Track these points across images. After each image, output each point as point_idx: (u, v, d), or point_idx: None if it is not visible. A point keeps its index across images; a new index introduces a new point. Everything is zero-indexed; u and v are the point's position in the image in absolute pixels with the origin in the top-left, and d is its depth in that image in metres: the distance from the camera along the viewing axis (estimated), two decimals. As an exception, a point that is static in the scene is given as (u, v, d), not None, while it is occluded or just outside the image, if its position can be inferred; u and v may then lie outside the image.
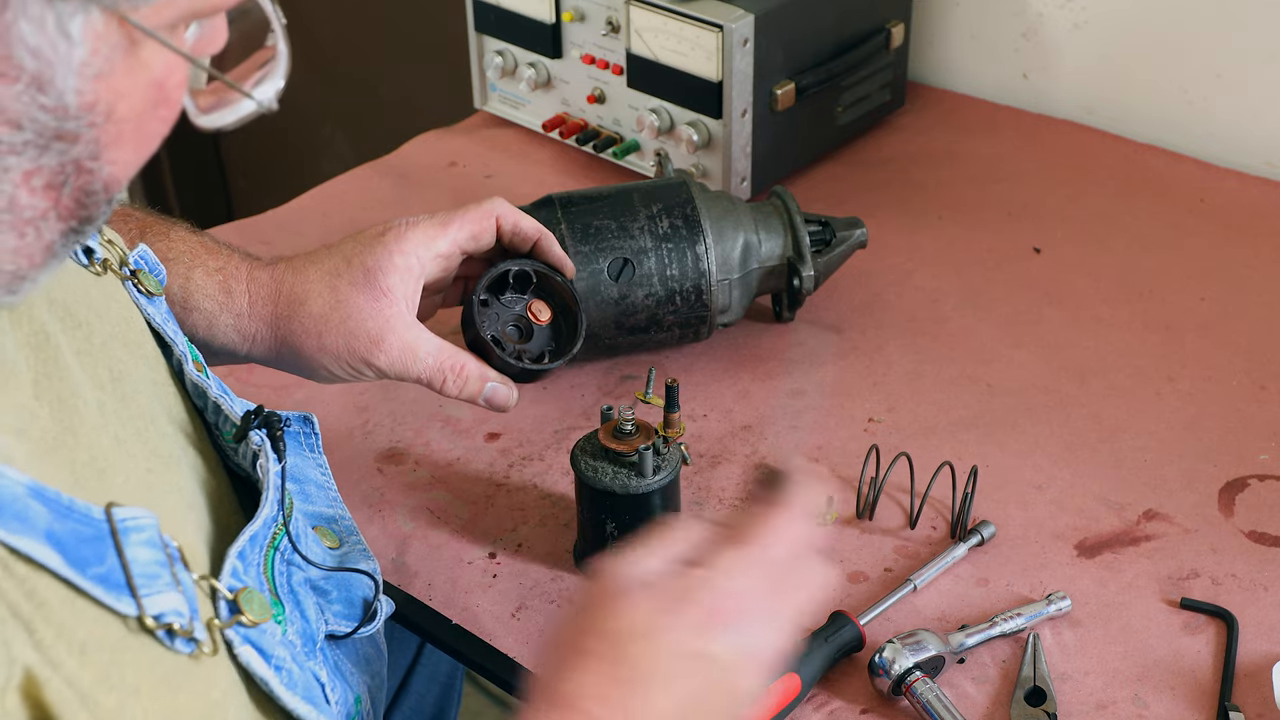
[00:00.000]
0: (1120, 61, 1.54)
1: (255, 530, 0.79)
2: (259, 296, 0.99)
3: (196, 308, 0.99)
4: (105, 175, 0.64)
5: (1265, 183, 1.47)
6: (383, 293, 0.98)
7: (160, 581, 0.68)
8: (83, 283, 0.80)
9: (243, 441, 0.85)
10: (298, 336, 0.98)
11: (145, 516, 0.68)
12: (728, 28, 1.32)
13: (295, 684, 0.76)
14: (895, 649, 0.95)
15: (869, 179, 1.50)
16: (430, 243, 1.00)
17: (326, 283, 0.98)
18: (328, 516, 0.94)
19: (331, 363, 0.99)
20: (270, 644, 0.75)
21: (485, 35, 1.53)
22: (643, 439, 1.02)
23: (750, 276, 1.22)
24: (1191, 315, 1.30)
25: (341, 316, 0.98)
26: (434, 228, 1.01)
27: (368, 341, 0.98)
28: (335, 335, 0.98)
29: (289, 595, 0.81)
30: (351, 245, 1.00)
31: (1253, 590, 1.04)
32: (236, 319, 0.99)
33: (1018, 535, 1.09)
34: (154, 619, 0.67)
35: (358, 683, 0.85)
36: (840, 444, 1.17)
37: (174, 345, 0.86)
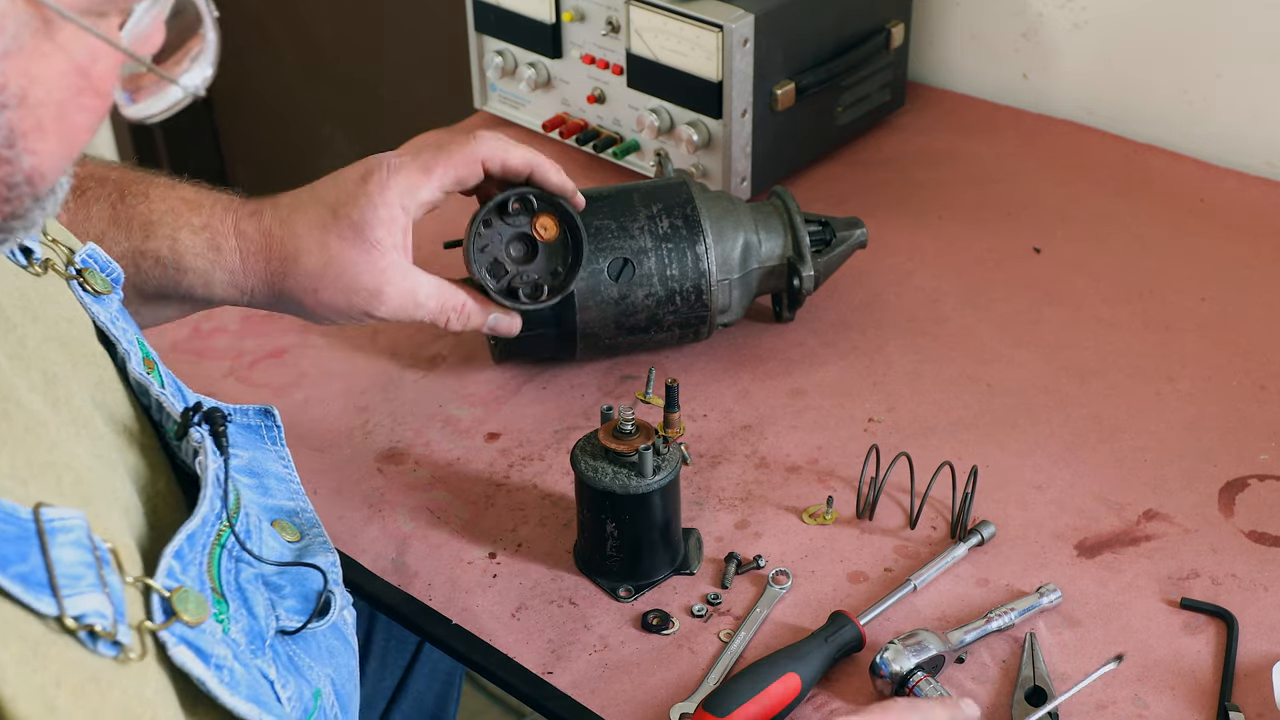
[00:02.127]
0: (1120, 61, 1.54)
1: (193, 529, 0.77)
2: (249, 252, 1.00)
3: (189, 268, 1.00)
4: (27, 167, 0.62)
5: (1265, 183, 1.47)
6: (373, 245, 0.99)
7: (84, 583, 0.66)
8: (19, 284, 0.78)
9: (185, 439, 0.84)
10: (294, 292, 1.01)
11: (74, 517, 0.66)
12: (728, 28, 1.32)
13: (237, 683, 0.74)
14: (896, 650, 0.95)
15: (869, 179, 1.50)
16: (414, 190, 1.01)
17: (316, 238, 1.00)
18: (288, 510, 0.92)
19: (332, 314, 1.02)
20: (209, 643, 0.74)
21: (485, 35, 1.53)
22: (643, 439, 1.02)
23: (750, 276, 1.22)
24: (1191, 315, 1.30)
25: (336, 272, 0.99)
26: (417, 174, 1.01)
27: (366, 295, 1.00)
28: (332, 291, 1.00)
29: (235, 592, 0.79)
30: (334, 192, 1.01)
31: (1253, 590, 1.04)
32: (230, 275, 1.00)
33: (1018, 535, 1.09)
34: (74, 619, 0.65)
35: (318, 677, 0.84)
36: (840, 444, 1.17)
37: (118, 343, 0.84)
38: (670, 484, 1.03)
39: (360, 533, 1.11)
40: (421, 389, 1.24)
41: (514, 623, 1.04)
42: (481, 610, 1.05)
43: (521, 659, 1.01)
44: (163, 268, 1.00)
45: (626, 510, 1.03)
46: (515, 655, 1.02)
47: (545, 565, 1.08)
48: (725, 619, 1.04)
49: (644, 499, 1.02)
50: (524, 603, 1.05)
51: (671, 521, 1.05)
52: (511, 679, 1.01)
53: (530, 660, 1.01)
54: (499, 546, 1.10)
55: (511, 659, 1.01)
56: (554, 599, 1.06)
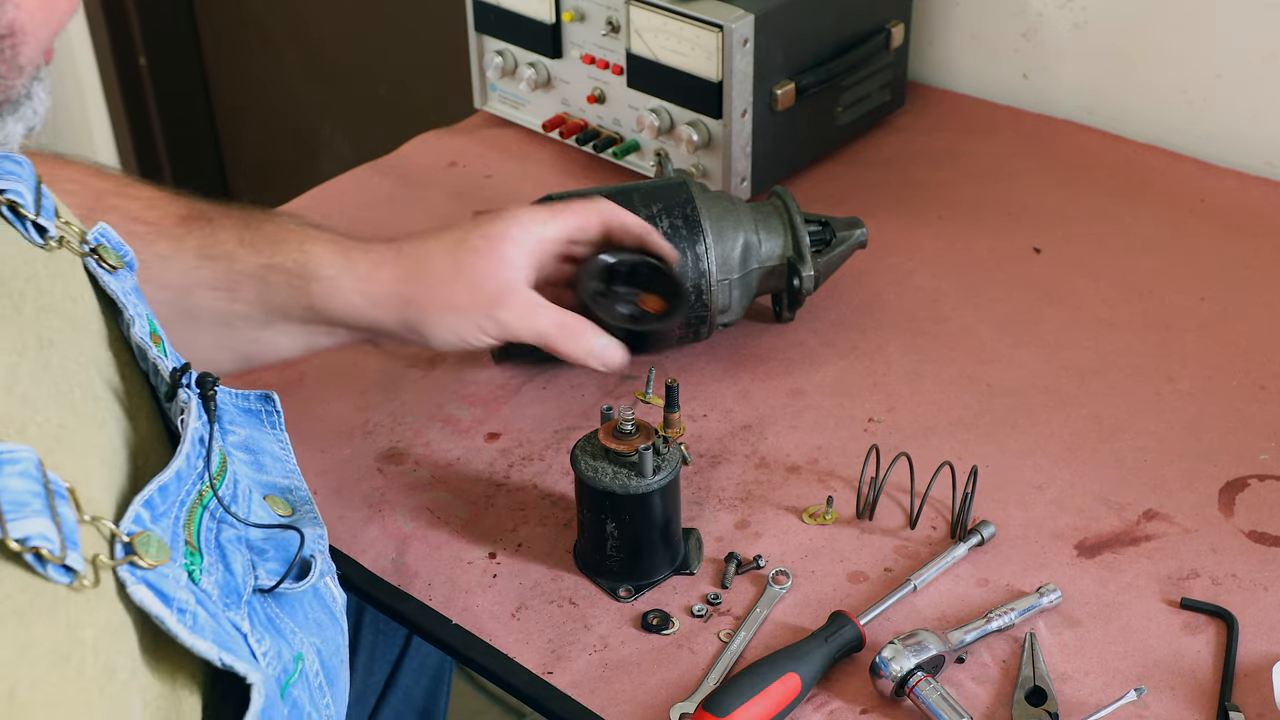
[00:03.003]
0: (1120, 61, 1.54)
1: (166, 480, 0.78)
2: (381, 261, 1.04)
3: (317, 276, 1.03)
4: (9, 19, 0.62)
5: (1265, 183, 1.47)
6: (502, 257, 1.05)
7: (29, 509, 0.67)
8: (29, 259, 0.80)
9: (174, 400, 0.85)
10: (424, 295, 1.04)
11: (24, 450, 0.68)
12: (728, 28, 1.32)
13: (201, 628, 0.75)
14: (896, 650, 0.95)
15: (869, 179, 1.50)
16: (542, 224, 1.07)
17: (447, 250, 1.05)
18: (282, 487, 0.94)
19: (457, 320, 1.05)
20: (170, 586, 0.74)
21: (485, 35, 1.53)
22: (643, 439, 1.02)
23: (750, 276, 1.22)
24: (1191, 315, 1.30)
25: (466, 277, 1.04)
26: (544, 213, 1.08)
27: (494, 298, 1.05)
28: (463, 293, 1.04)
29: (214, 549, 0.80)
30: (466, 224, 1.07)
31: (1253, 590, 1.04)
32: (360, 282, 1.03)
33: (1018, 535, 1.09)
34: (18, 541, 0.66)
35: (301, 642, 0.85)
36: (840, 444, 1.17)
37: (125, 309, 0.85)
38: (670, 484, 1.03)
39: (360, 533, 1.11)
40: (421, 389, 1.24)
41: (514, 623, 1.04)
42: (481, 610, 1.05)
43: (521, 659, 1.01)
44: (290, 278, 1.03)
45: (626, 510, 1.03)
46: (515, 655, 1.02)
47: (545, 565, 1.08)
48: (725, 619, 1.04)
49: (644, 499, 1.02)
50: (524, 603, 1.05)
51: (671, 521, 1.05)
52: (511, 679, 1.01)
53: (530, 660, 1.01)
54: (499, 546, 1.10)
55: (511, 659, 1.01)
56: (554, 599, 1.06)
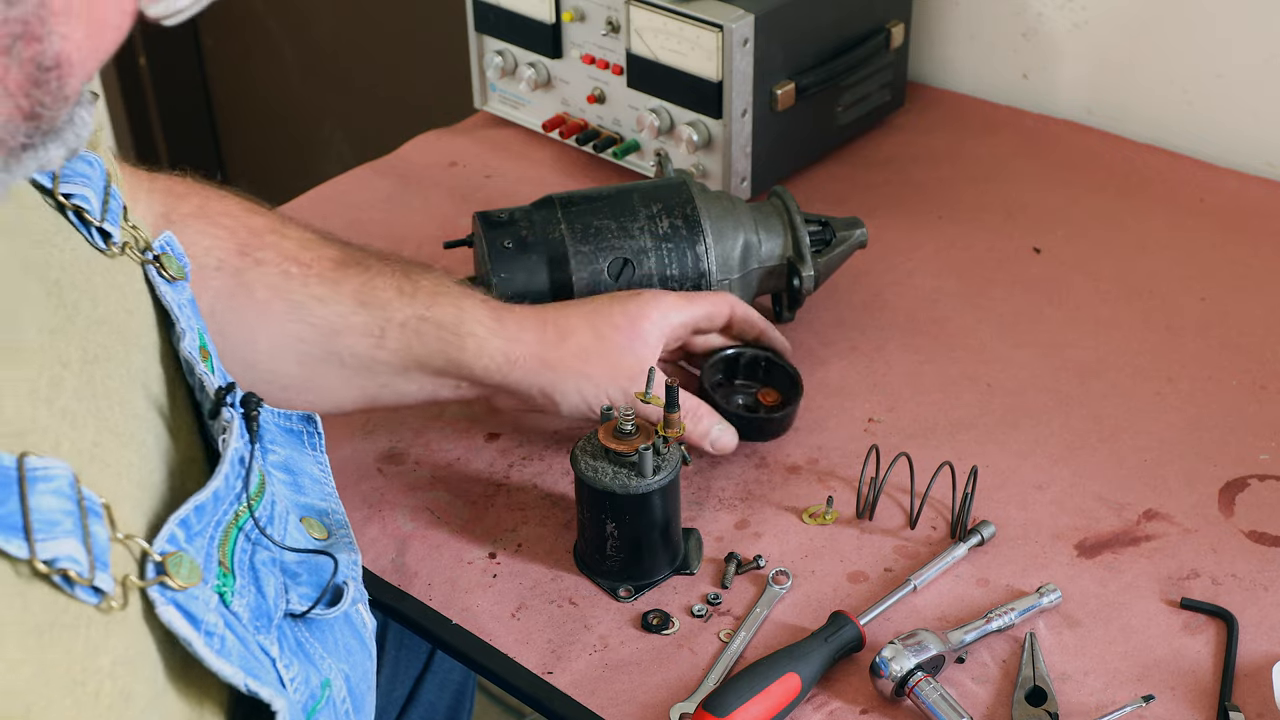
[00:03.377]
0: (1120, 61, 1.54)
1: (203, 500, 0.78)
2: (527, 324, 1.09)
3: (470, 333, 1.08)
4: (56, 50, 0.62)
5: (1265, 183, 1.47)
6: (640, 335, 1.10)
7: (59, 529, 0.67)
8: (87, 268, 0.80)
9: (217, 419, 0.85)
10: (564, 361, 1.09)
11: (59, 467, 0.68)
12: (728, 28, 1.32)
13: (228, 652, 0.75)
14: (896, 650, 0.95)
15: (869, 179, 1.50)
16: (676, 309, 1.12)
17: (588, 321, 1.10)
18: (319, 509, 0.94)
19: (590, 388, 1.09)
20: (199, 609, 0.74)
21: (485, 35, 1.53)
22: (642, 439, 1.02)
23: (750, 276, 1.22)
24: (1191, 315, 1.30)
25: (604, 349, 1.10)
26: (680, 299, 1.13)
27: (629, 372, 1.09)
28: (599, 364, 1.09)
29: (247, 571, 0.80)
30: (607, 298, 1.13)
31: (1253, 590, 1.04)
32: (506, 343, 1.08)
33: (1018, 535, 1.09)
34: (45, 563, 0.65)
35: (329, 668, 0.85)
36: (840, 444, 1.17)
37: (177, 321, 0.86)
38: (670, 484, 1.03)
39: (360, 533, 1.11)
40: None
41: (514, 623, 1.04)
42: (481, 610, 1.05)
43: (521, 659, 1.01)
44: (442, 331, 1.07)
45: (626, 510, 1.03)
46: (515, 655, 1.02)
47: (545, 565, 1.08)
48: (725, 619, 1.04)
49: (644, 499, 1.02)
50: (524, 603, 1.05)
51: (671, 521, 1.05)
52: (512, 679, 1.01)
53: (530, 660, 1.01)
54: (499, 546, 1.10)
55: (511, 659, 1.01)
56: (554, 599, 1.06)
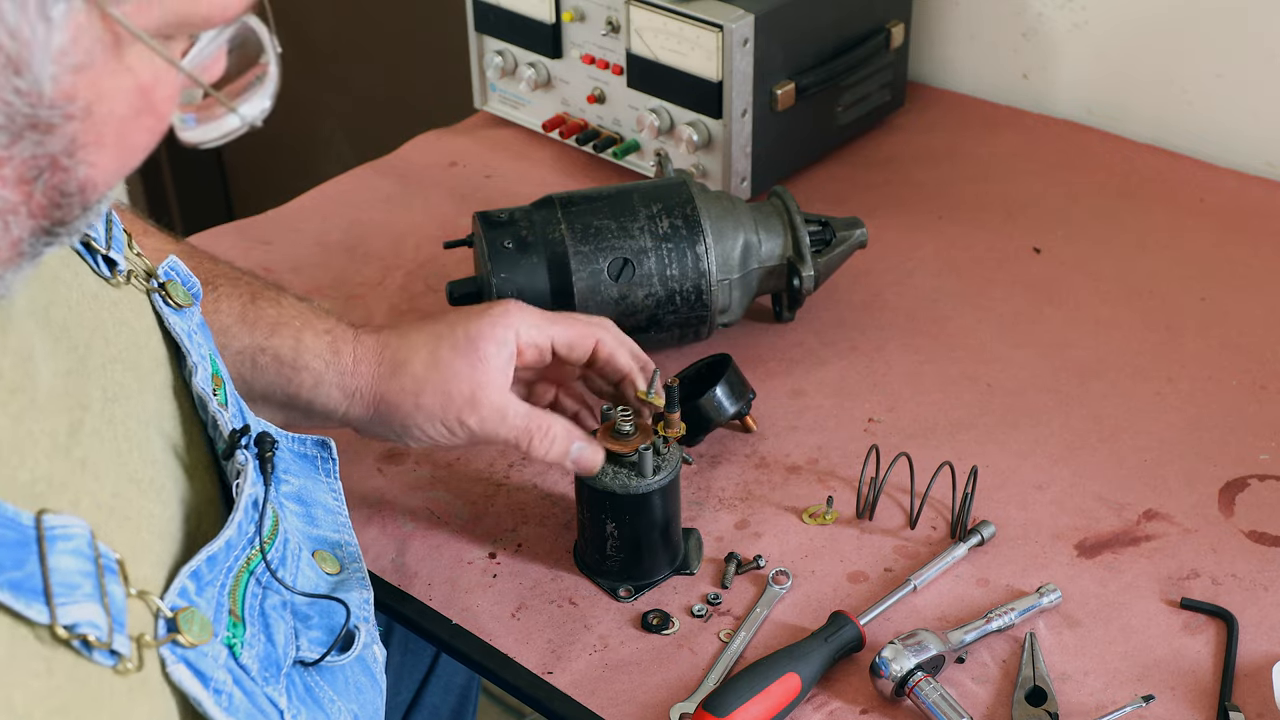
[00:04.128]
0: (1120, 61, 1.54)
1: (215, 551, 0.77)
2: (363, 357, 1.04)
3: (306, 367, 1.04)
4: (81, 176, 0.63)
5: (1265, 183, 1.47)
6: (479, 359, 1.03)
7: (79, 592, 0.66)
8: (94, 304, 0.79)
9: (231, 460, 0.84)
10: (396, 394, 1.03)
11: (77, 525, 0.67)
12: (728, 28, 1.32)
13: (236, 709, 0.74)
14: (896, 650, 0.95)
15: (869, 179, 1.50)
16: (530, 327, 1.05)
17: (429, 346, 1.04)
18: (332, 542, 0.93)
19: (425, 421, 1.03)
20: (210, 666, 0.74)
21: (485, 35, 1.53)
22: (642, 439, 1.02)
23: (750, 276, 1.22)
24: (1191, 315, 1.30)
25: (440, 377, 1.03)
26: (538, 317, 1.06)
27: (462, 402, 1.03)
28: (432, 395, 1.03)
29: (258, 618, 0.79)
30: (457, 315, 1.06)
31: (1253, 590, 1.04)
32: (341, 376, 1.04)
33: (1018, 535, 1.09)
34: (66, 629, 0.65)
35: (339, 711, 0.84)
36: (840, 444, 1.17)
37: (189, 355, 0.85)
38: (670, 484, 1.03)
39: (360, 533, 1.11)
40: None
41: (514, 623, 1.04)
42: (481, 610, 1.05)
43: (521, 659, 1.01)
44: (279, 365, 1.03)
45: (626, 510, 1.03)
46: (515, 655, 1.02)
47: (545, 565, 1.08)
48: (725, 619, 1.04)
49: (644, 499, 1.02)
50: (524, 603, 1.05)
51: (671, 522, 1.05)
52: (512, 679, 1.01)
53: (530, 660, 1.01)
54: (499, 546, 1.10)
55: (511, 659, 1.01)
56: (554, 599, 1.06)
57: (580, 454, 1.03)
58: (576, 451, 1.04)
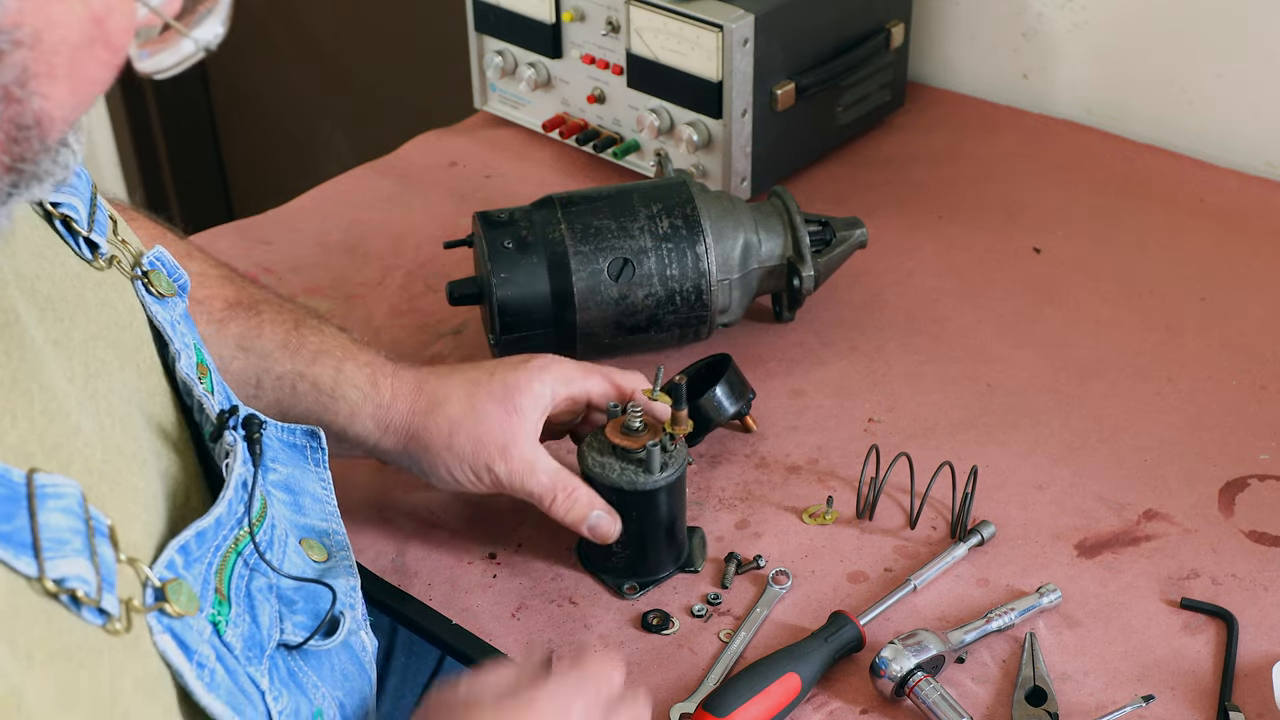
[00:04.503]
0: (1120, 61, 1.54)
1: (204, 526, 0.77)
2: (401, 392, 1.05)
3: (344, 397, 1.05)
4: (36, 108, 0.63)
5: (1265, 183, 1.47)
6: (515, 409, 1.05)
7: (69, 547, 0.66)
8: (77, 282, 0.79)
9: (219, 441, 0.84)
10: (429, 433, 1.04)
11: (68, 485, 0.67)
12: (728, 28, 1.32)
13: (217, 685, 0.74)
14: (896, 650, 0.95)
15: (869, 179, 1.50)
16: (568, 382, 1.07)
17: (466, 390, 1.05)
18: (320, 530, 0.93)
19: (455, 464, 1.04)
20: (194, 639, 0.74)
21: (485, 35, 1.53)
22: (650, 436, 1.03)
23: (750, 276, 1.22)
24: (1191, 315, 1.30)
25: (474, 422, 1.04)
26: (575, 371, 1.08)
27: (494, 450, 1.04)
28: (465, 439, 1.04)
29: (243, 599, 0.80)
30: (497, 364, 1.08)
31: (1253, 590, 1.04)
32: (377, 409, 1.05)
33: (1018, 535, 1.09)
34: (55, 582, 0.65)
35: (322, 697, 0.84)
36: (840, 444, 1.17)
37: (171, 342, 0.85)
38: (677, 481, 1.03)
39: (360, 533, 1.11)
40: (421, 389, 1.24)
41: (514, 623, 1.04)
42: (482, 610, 1.05)
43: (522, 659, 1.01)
44: (318, 393, 1.05)
45: (633, 507, 1.03)
46: (516, 655, 1.01)
47: (545, 565, 1.08)
48: (725, 619, 1.04)
49: (651, 495, 1.02)
50: (524, 603, 1.05)
51: (677, 519, 1.05)
52: (511, 679, 1.01)
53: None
54: (499, 546, 1.10)
55: (512, 659, 1.01)
56: (554, 599, 1.06)
57: (598, 522, 1.05)
58: (595, 519, 1.05)
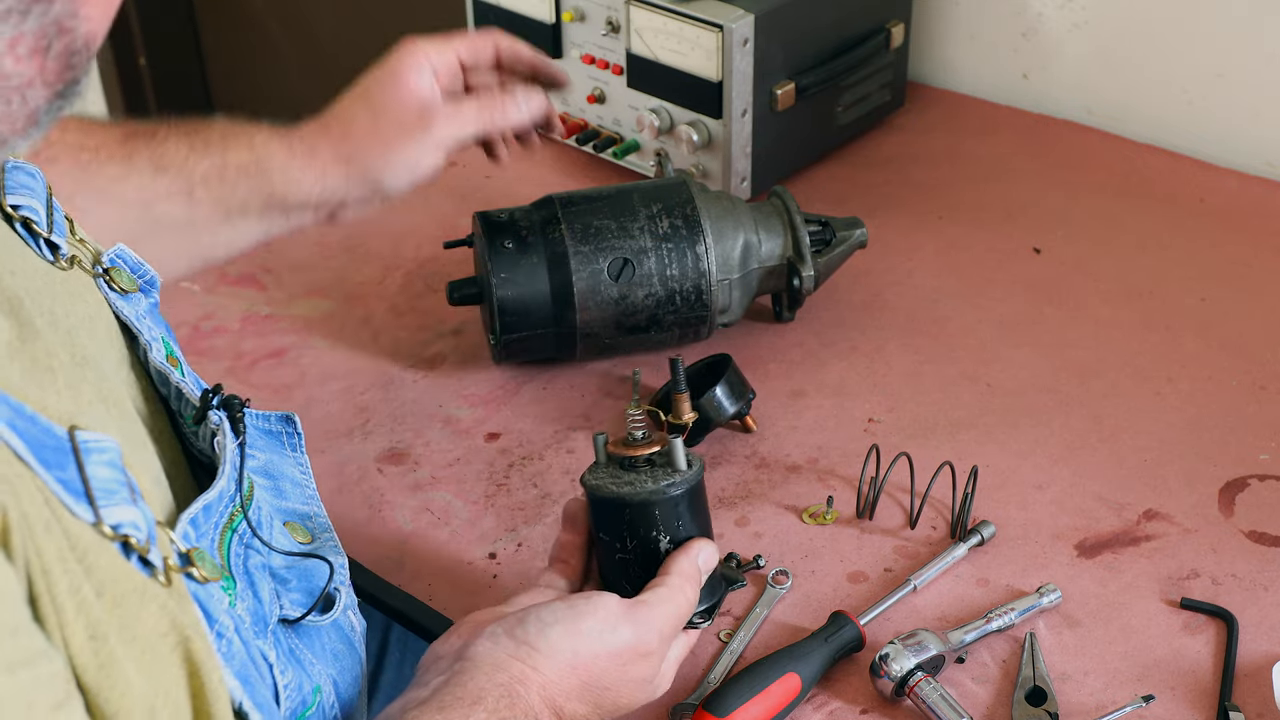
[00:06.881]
0: (1120, 61, 1.54)
1: (210, 500, 0.79)
2: (314, 137, 1.13)
3: (270, 167, 1.10)
4: (84, 33, 0.65)
5: (1265, 183, 1.47)
6: (409, 86, 1.13)
7: (118, 496, 0.68)
8: (48, 279, 0.81)
9: (202, 423, 0.86)
10: (360, 149, 1.12)
11: (107, 440, 0.69)
12: (728, 28, 1.32)
13: (233, 655, 0.75)
14: (896, 650, 0.95)
15: (869, 179, 1.50)
16: (437, 50, 1.15)
17: (361, 101, 1.14)
18: (301, 514, 0.94)
19: (397, 156, 1.12)
20: (216, 608, 0.75)
21: (485, 35, 1.53)
22: (659, 439, 0.95)
23: (750, 276, 1.22)
24: (1191, 315, 1.30)
25: (387, 116, 1.12)
26: (437, 41, 1.16)
27: (417, 121, 1.12)
28: (390, 129, 1.12)
29: (243, 575, 0.81)
30: (367, 72, 1.16)
31: (1253, 590, 1.04)
32: (306, 160, 1.11)
33: (1018, 535, 1.09)
34: (111, 529, 0.67)
35: (319, 674, 0.85)
36: (840, 444, 1.17)
37: (140, 334, 0.86)
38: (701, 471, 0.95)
39: (360, 533, 1.11)
40: (421, 389, 1.24)
41: (514, 623, 1.04)
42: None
43: (521, 659, 1.01)
44: (246, 174, 1.10)
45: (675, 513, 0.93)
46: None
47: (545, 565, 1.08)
48: (725, 619, 1.04)
49: (695, 491, 0.94)
50: (524, 603, 1.05)
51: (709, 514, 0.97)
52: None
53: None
54: (499, 546, 1.10)
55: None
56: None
57: (529, 100, 1.14)
58: (525, 100, 1.14)
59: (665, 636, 0.90)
